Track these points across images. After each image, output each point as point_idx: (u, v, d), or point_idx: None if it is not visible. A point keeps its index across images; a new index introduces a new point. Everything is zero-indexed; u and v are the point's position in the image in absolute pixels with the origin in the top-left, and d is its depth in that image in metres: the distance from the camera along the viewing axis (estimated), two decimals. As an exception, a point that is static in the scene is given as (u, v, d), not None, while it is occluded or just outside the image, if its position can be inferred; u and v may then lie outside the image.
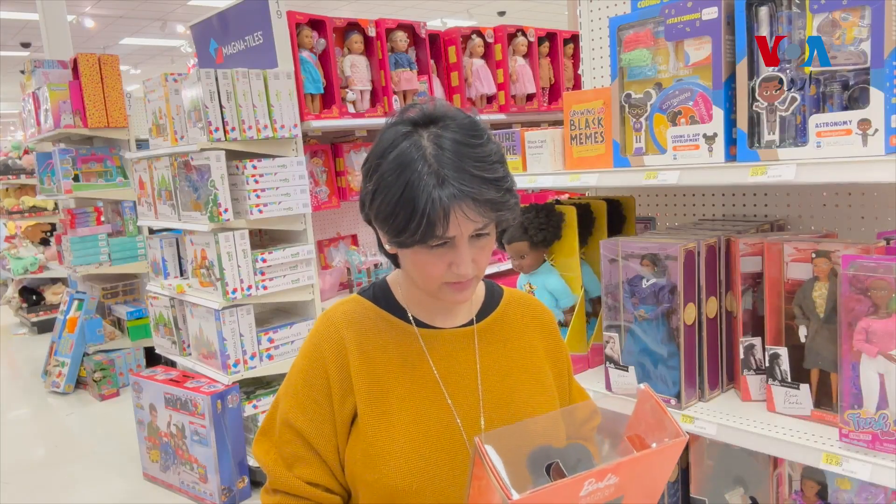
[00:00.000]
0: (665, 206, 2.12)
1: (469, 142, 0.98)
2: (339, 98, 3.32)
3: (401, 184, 0.95)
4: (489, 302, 1.21)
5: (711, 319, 1.59)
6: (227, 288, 2.98)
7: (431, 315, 1.15)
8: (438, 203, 0.93)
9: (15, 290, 7.39)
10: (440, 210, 0.93)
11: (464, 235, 0.99)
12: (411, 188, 0.94)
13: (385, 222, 1.00)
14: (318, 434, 1.09)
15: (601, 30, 2.11)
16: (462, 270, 1.00)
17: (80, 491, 3.50)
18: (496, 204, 0.98)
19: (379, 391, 1.08)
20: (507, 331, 1.20)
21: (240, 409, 3.14)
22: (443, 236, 0.97)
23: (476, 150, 0.98)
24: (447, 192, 0.94)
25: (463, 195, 0.94)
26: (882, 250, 1.32)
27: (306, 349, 1.14)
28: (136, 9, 9.80)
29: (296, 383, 1.13)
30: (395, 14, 5.00)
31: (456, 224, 0.96)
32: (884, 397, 1.26)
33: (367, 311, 1.15)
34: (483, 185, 0.96)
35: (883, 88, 1.21)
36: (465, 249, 1.00)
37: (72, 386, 5.02)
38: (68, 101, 4.72)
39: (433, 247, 0.99)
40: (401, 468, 1.04)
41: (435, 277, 1.03)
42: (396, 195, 0.96)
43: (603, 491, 0.75)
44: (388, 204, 0.97)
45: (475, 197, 0.95)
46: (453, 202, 0.94)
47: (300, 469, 1.10)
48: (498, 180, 0.98)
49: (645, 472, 0.80)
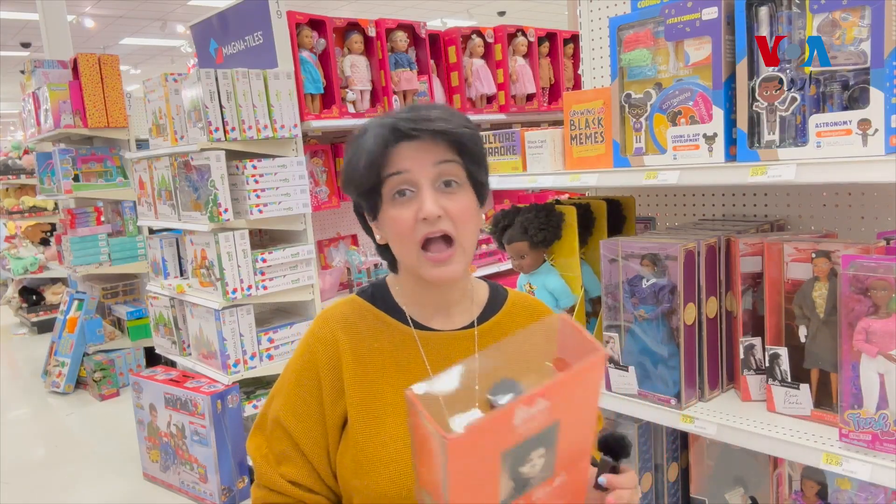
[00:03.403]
0: (665, 206, 2.12)
1: (430, 105, 1.05)
2: (339, 98, 3.32)
3: (358, 141, 1.04)
4: (492, 304, 1.19)
5: (711, 319, 1.59)
6: (227, 288, 2.98)
7: (430, 316, 1.14)
8: (381, 133, 1.00)
9: (15, 290, 7.39)
10: (383, 138, 1.00)
11: (424, 175, 1.01)
12: (364, 137, 1.04)
13: (349, 181, 1.06)
14: (306, 435, 1.09)
15: (601, 30, 2.11)
16: (426, 207, 0.99)
17: (80, 491, 3.50)
18: (445, 134, 1.00)
19: (371, 395, 1.07)
20: (508, 334, 1.17)
21: (240, 409, 3.14)
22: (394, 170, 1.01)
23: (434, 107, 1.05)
24: (389, 121, 1.01)
25: (406, 122, 1.00)
26: (882, 250, 1.32)
27: (301, 349, 1.14)
28: (136, 9, 9.80)
29: (289, 382, 1.13)
30: (395, 14, 5.00)
31: (405, 156, 1.01)
32: (884, 397, 1.26)
33: (364, 312, 1.14)
34: (428, 119, 1.00)
35: (883, 88, 1.21)
36: (428, 190, 1.01)
37: (72, 386, 5.02)
38: (68, 101, 4.72)
39: (395, 195, 1.02)
40: (391, 475, 1.03)
41: (406, 235, 1.02)
42: (353, 148, 1.05)
43: (537, 417, 0.74)
44: (346, 159, 1.07)
45: (417, 126, 0.99)
46: (397, 133, 1.00)
47: (285, 468, 1.10)
48: (446, 119, 1.02)
49: (574, 393, 0.80)
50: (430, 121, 1.00)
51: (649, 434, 1.82)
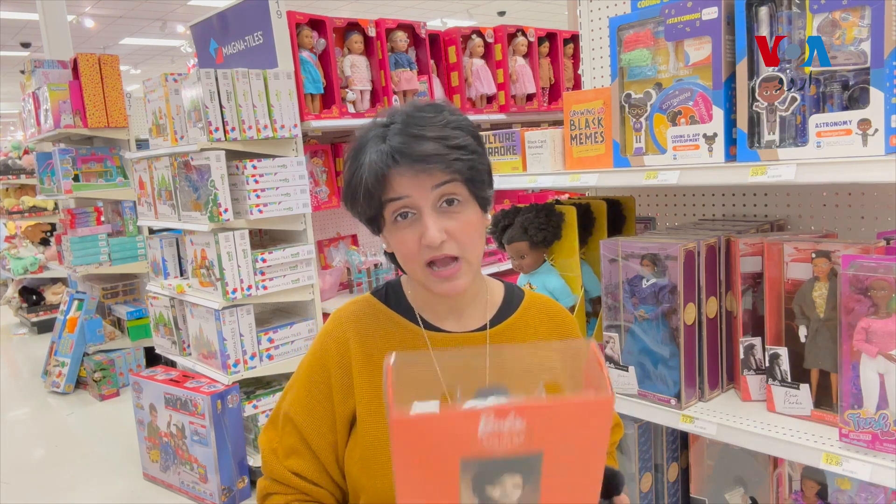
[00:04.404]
0: (665, 206, 2.12)
1: (418, 114, 1.01)
2: (339, 98, 3.32)
3: (357, 161, 1.02)
4: (507, 306, 1.19)
5: (711, 319, 1.59)
6: (227, 288, 2.98)
7: (442, 318, 1.14)
8: (378, 157, 0.98)
9: (15, 290, 7.39)
10: (381, 163, 0.98)
11: (424, 199, 0.99)
12: (362, 157, 1.01)
13: (348, 201, 1.05)
14: (315, 431, 1.10)
15: (601, 30, 2.11)
16: (429, 235, 0.98)
17: (80, 491, 3.50)
18: (441, 158, 0.97)
19: (379, 395, 1.08)
20: (522, 338, 1.17)
21: (240, 409, 3.14)
22: (394, 196, 0.99)
23: (426, 117, 1.01)
24: (386, 146, 0.99)
25: (404, 146, 0.97)
26: (882, 250, 1.32)
27: (314, 346, 1.16)
28: (136, 9, 9.80)
29: (301, 379, 1.15)
30: (395, 14, 5.01)
31: (403, 182, 0.98)
32: (884, 397, 1.26)
33: (377, 312, 1.15)
34: (425, 141, 0.98)
35: (883, 88, 1.21)
36: (430, 216, 0.99)
37: (72, 386, 5.02)
38: (68, 101, 4.72)
39: (397, 218, 1.01)
40: None
41: (412, 257, 1.02)
42: (352, 169, 1.03)
43: (510, 436, 0.68)
44: (346, 181, 1.05)
45: (415, 150, 0.97)
46: (395, 156, 0.97)
47: (292, 461, 1.11)
48: (445, 138, 0.99)
49: (563, 427, 0.71)
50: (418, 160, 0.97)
51: (649, 434, 1.82)
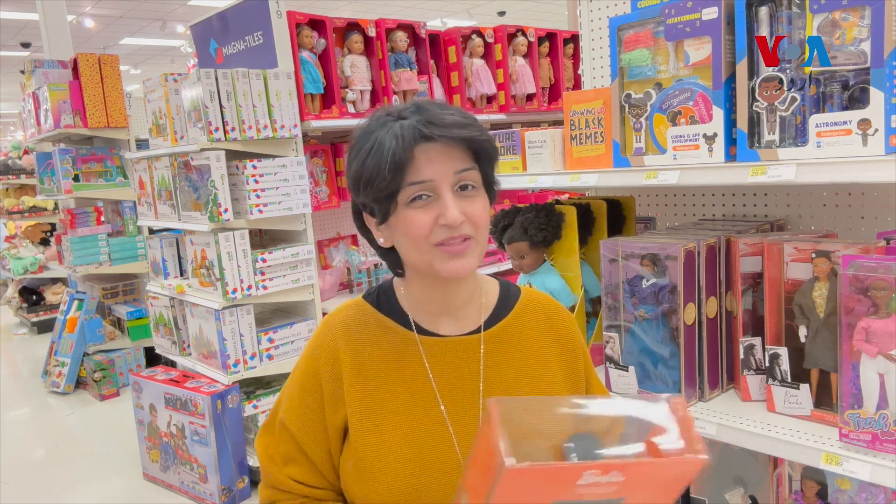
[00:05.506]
0: (665, 206, 2.12)
1: (428, 104, 1.02)
2: (339, 98, 3.32)
3: (370, 142, 1.00)
4: (502, 306, 1.15)
5: (711, 319, 1.59)
6: (227, 288, 2.98)
7: (435, 321, 1.11)
8: (401, 135, 0.97)
9: (15, 290, 7.39)
10: (405, 141, 0.97)
11: (444, 183, 0.99)
12: (378, 138, 0.99)
13: (361, 182, 1.01)
14: (311, 440, 1.10)
15: (601, 30, 2.11)
16: (450, 214, 0.97)
17: (80, 491, 3.50)
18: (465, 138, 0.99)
19: (371, 404, 1.07)
20: (517, 339, 1.14)
21: (240, 409, 3.14)
22: (416, 179, 0.98)
23: (437, 104, 1.02)
24: (409, 122, 0.98)
25: (425, 125, 0.97)
26: (882, 250, 1.32)
27: (306, 353, 1.14)
28: (136, 9, 9.80)
29: (294, 386, 1.14)
30: (395, 14, 5.01)
31: (427, 160, 0.98)
32: (884, 397, 1.26)
33: (368, 318, 1.12)
34: (447, 115, 0.99)
35: (883, 88, 1.21)
36: (450, 196, 0.99)
37: (72, 386, 5.02)
38: (68, 101, 4.72)
39: (413, 199, 0.99)
40: (390, 485, 1.02)
41: (423, 237, 0.99)
42: (366, 150, 1.00)
43: (604, 486, 0.72)
44: (359, 162, 1.01)
45: (437, 124, 0.97)
46: (418, 136, 0.97)
47: (291, 468, 1.11)
48: (464, 115, 1.01)
49: (654, 481, 0.76)
50: (447, 126, 0.98)
51: (649, 434, 1.81)
